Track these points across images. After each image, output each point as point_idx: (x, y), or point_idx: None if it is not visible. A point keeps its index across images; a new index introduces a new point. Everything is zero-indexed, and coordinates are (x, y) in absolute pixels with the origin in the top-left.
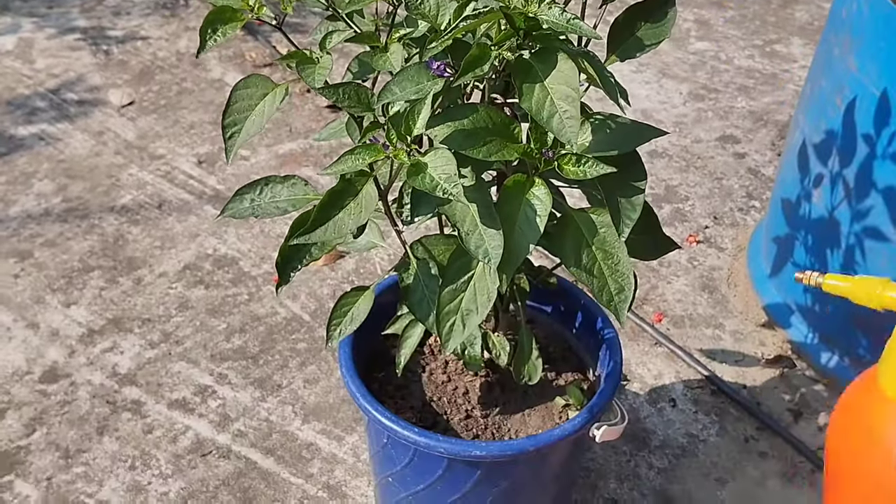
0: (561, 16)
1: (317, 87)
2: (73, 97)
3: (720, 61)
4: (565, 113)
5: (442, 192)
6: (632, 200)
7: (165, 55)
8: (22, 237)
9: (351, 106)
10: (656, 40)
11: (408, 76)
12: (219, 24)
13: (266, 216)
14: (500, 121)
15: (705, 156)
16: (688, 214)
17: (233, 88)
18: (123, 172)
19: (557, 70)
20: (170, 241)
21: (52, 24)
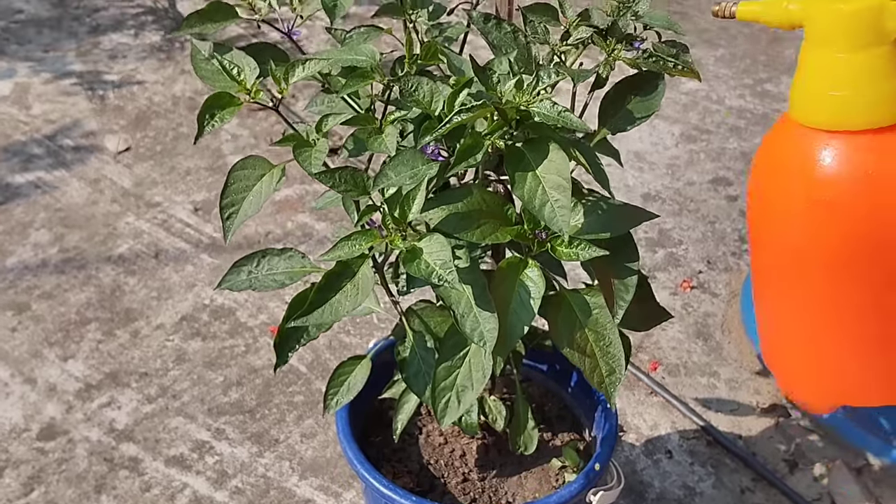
0: (552, 108)
1: (313, 172)
2: (70, 143)
3: (711, 101)
4: (557, 202)
5: (437, 278)
6: (625, 282)
7: (161, 100)
8: (19, 289)
9: (347, 190)
10: (647, 113)
11: (403, 160)
12: (216, 110)
13: (263, 289)
14: (493, 202)
15: (698, 199)
16: (681, 259)
17: (231, 169)
18: (120, 221)
19: (549, 160)
20: (166, 292)
21: (48, 69)
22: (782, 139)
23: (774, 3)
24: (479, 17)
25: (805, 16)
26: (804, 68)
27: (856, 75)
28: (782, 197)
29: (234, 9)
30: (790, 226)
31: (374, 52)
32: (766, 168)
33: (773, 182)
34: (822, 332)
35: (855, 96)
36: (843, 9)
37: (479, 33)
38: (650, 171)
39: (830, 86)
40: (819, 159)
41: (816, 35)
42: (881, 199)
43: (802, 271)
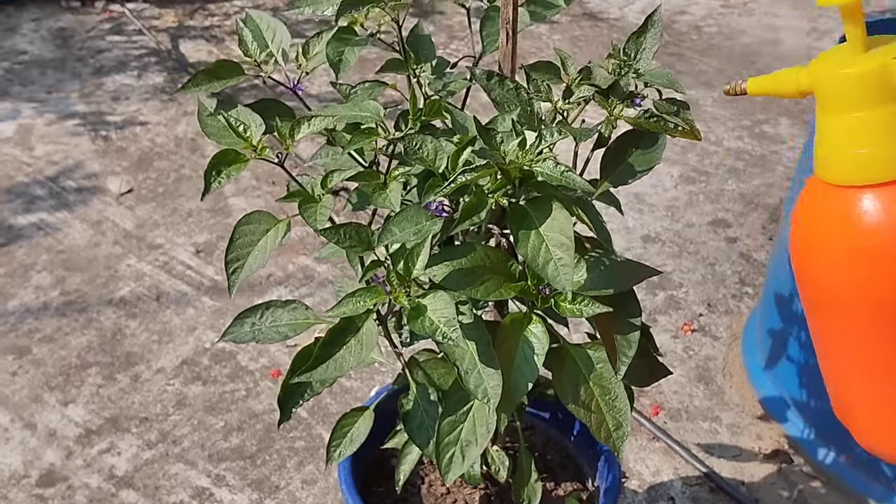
0: (555, 169)
1: (318, 228)
2: (72, 185)
3: (710, 143)
4: (560, 260)
5: (442, 336)
6: (628, 337)
7: (164, 141)
8: (20, 332)
9: (352, 246)
10: (648, 166)
11: (407, 216)
12: (223, 166)
13: (267, 341)
14: (497, 258)
15: (697, 241)
16: (682, 302)
17: (236, 224)
18: (122, 263)
19: (552, 218)
20: (167, 336)
21: (52, 110)
22: (820, 202)
23: (783, 75)
24: (481, 74)
25: (814, 84)
26: (823, 132)
27: (874, 132)
28: (830, 256)
29: (240, 66)
30: (838, 282)
31: (378, 108)
32: (812, 232)
33: (823, 243)
34: (884, 381)
35: (878, 151)
36: (850, 73)
37: (483, 90)
38: (650, 213)
39: (852, 145)
40: (856, 215)
41: (829, 101)
42: None
43: (855, 322)
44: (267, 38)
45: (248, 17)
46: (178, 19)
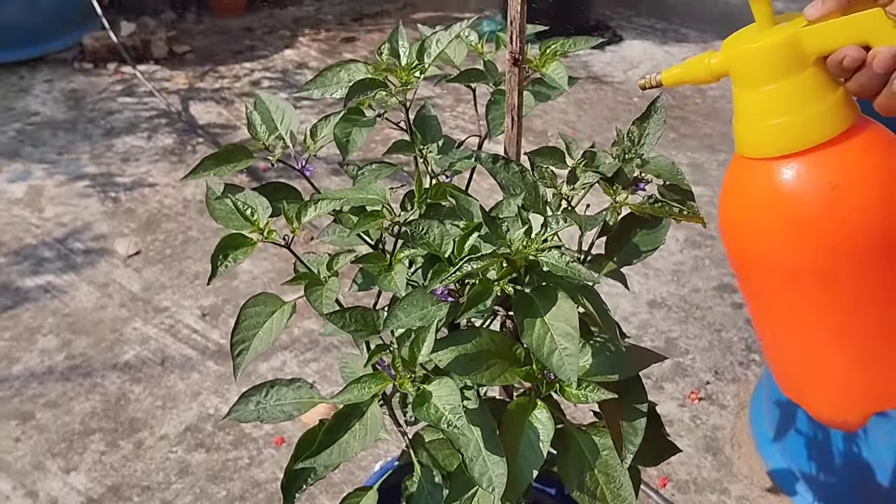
0: (560, 259)
1: (324, 312)
2: (80, 247)
3: (715, 206)
4: (565, 350)
5: (447, 423)
6: (634, 424)
7: (172, 202)
8: (24, 397)
9: (357, 330)
10: (652, 247)
11: (412, 301)
12: (230, 250)
13: (271, 421)
14: (501, 342)
15: (704, 306)
16: (689, 369)
17: (242, 306)
18: (127, 326)
19: (557, 307)
20: (171, 401)
21: (63, 171)
22: (740, 176)
23: (695, 61)
24: (487, 157)
25: (727, 64)
26: (739, 108)
27: (786, 103)
28: (758, 228)
29: (248, 150)
30: (767, 251)
31: (385, 191)
32: (734, 207)
33: (744, 217)
34: (828, 345)
35: (790, 121)
36: (758, 47)
37: (488, 172)
38: (655, 278)
39: (766, 118)
40: (776, 186)
41: (742, 78)
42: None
43: (793, 290)
44: (276, 121)
45: (257, 100)
46: (189, 81)
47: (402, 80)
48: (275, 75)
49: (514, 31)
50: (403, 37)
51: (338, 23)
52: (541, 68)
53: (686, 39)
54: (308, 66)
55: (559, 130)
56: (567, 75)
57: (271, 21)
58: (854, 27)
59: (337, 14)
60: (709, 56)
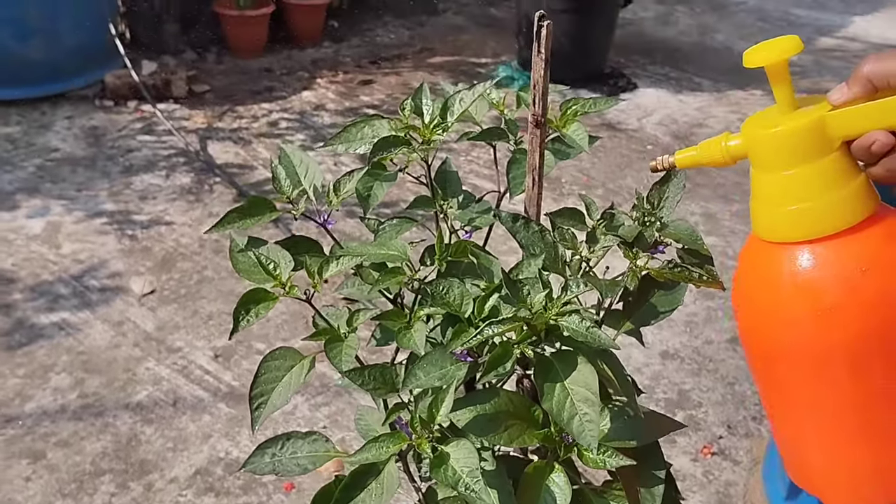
0: (580, 324)
1: (343, 370)
2: (96, 284)
3: (728, 257)
4: (585, 416)
5: (464, 486)
6: (652, 491)
7: (188, 241)
8: (36, 436)
9: (376, 388)
10: (670, 307)
11: (432, 360)
12: (252, 305)
13: (286, 474)
14: (520, 403)
15: (717, 358)
16: (701, 423)
17: (262, 360)
18: (140, 366)
19: (578, 371)
20: (182, 443)
21: (81, 208)
22: (759, 259)
23: (711, 144)
24: (507, 217)
25: (746, 147)
26: (757, 190)
27: (806, 188)
28: (781, 314)
29: (272, 203)
30: (782, 336)
31: (405, 248)
32: (753, 291)
33: (765, 302)
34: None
35: (810, 207)
36: (782, 131)
37: (508, 232)
38: (668, 329)
39: (785, 202)
40: (793, 271)
41: (763, 161)
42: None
43: (817, 377)
44: (300, 174)
45: (282, 153)
46: (208, 121)
47: (425, 137)
48: (292, 116)
49: (536, 94)
50: (427, 94)
51: (355, 65)
52: (561, 128)
53: (700, 88)
54: (325, 107)
55: (574, 178)
56: (587, 136)
57: (290, 62)
58: (882, 112)
59: (355, 56)
60: (725, 138)
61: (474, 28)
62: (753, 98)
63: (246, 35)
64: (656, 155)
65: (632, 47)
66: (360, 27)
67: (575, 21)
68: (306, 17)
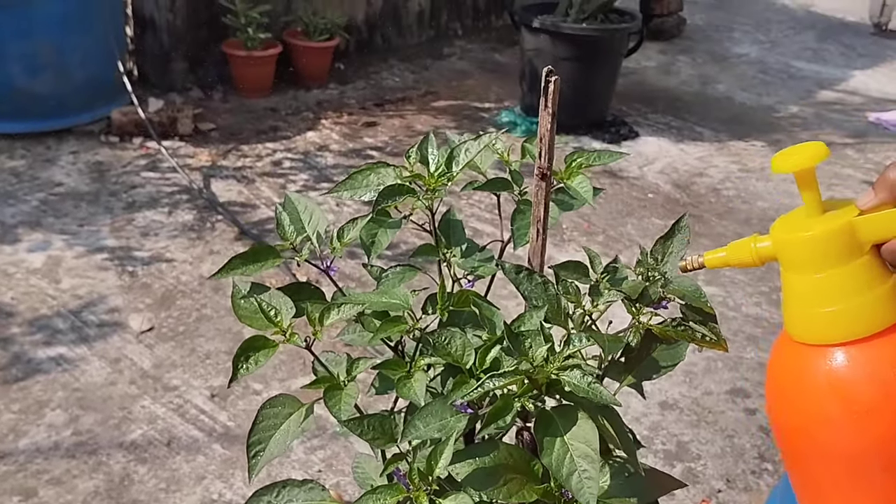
0: (581, 379)
1: (342, 419)
2: (94, 320)
3: (728, 308)
4: (584, 472)
5: None
6: None
7: (188, 279)
8: (28, 472)
9: (375, 438)
10: (672, 362)
11: (432, 411)
12: (252, 352)
13: None
14: (519, 457)
15: (716, 410)
16: (700, 475)
17: (260, 407)
18: (136, 404)
19: (578, 427)
20: (175, 484)
21: (82, 243)
22: (793, 359)
23: (740, 245)
24: (510, 268)
25: (776, 249)
26: (790, 292)
27: (839, 291)
28: (815, 415)
29: (275, 250)
30: (816, 437)
31: (408, 296)
32: (786, 390)
33: (799, 402)
34: None
35: (844, 309)
36: (811, 236)
37: (511, 283)
38: (667, 379)
39: (818, 304)
40: (827, 372)
41: (793, 263)
42: None
43: (853, 478)
44: (304, 220)
45: (286, 200)
46: (212, 159)
47: (430, 186)
48: (296, 156)
49: (543, 147)
50: (433, 144)
51: (360, 107)
52: (566, 180)
53: (701, 138)
54: (329, 148)
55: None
56: (592, 189)
57: (295, 103)
58: None
59: (359, 98)
60: (754, 240)
61: (478, 73)
62: (754, 149)
63: (253, 75)
64: (658, 203)
65: (634, 96)
66: (366, 70)
67: (578, 69)
68: (313, 59)
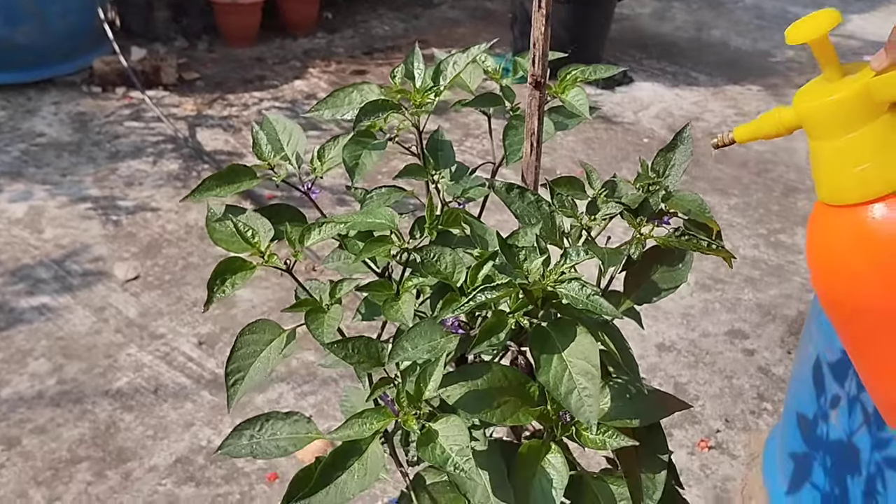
0: (580, 291)
1: (325, 342)
2: (78, 269)
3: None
4: (584, 391)
5: (453, 466)
6: (654, 478)
7: (174, 228)
8: (11, 422)
9: (360, 362)
10: (673, 285)
11: (420, 332)
12: (228, 275)
13: (265, 457)
14: (514, 378)
15: (714, 351)
16: (698, 416)
17: (239, 333)
18: (122, 352)
19: (576, 343)
20: (163, 431)
21: (65, 193)
22: (826, 226)
23: (767, 117)
24: (501, 186)
25: (799, 117)
26: (820, 159)
27: (871, 148)
28: (850, 274)
29: (252, 170)
30: (865, 296)
31: (393, 216)
32: (823, 254)
33: (837, 265)
34: None
35: (878, 163)
36: (833, 101)
37: (503, 202)
38: (664, 320)
39: (851, 164)
40: (869, 230)
41: (818, 129)
42: None
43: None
44: (282, 141)
45: (265, 120)
46: (197, 108)
47: (417, 102)
48: (283, 105)
49: (536, 53)
50: (419, 58)
51: (349, 56)
52: (560, 94)
53: (696, 83)
54: (317, 96)
55: (569, 170)
56: (588, 102)
57: (282, 52)
58: None
59: (348, 47)
60: (778, 111)
61: (469, 21)
62: (749, 93)
63: (238, 24)
64: (653, 148)
65: (628, 42)
66: (355, 18)
67: (572, 12)
68: (300, 7)
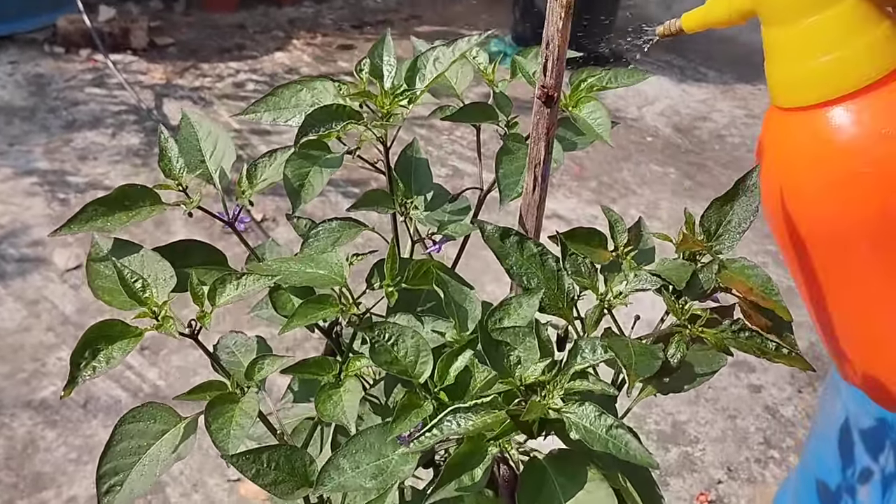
0: (597, 420)
1: (230, 452)
2: (14, 254)
3: None
4: None
5: None
6: None
7: None
8: None
9: (278, 482)
10: (710, 369)
11: (365, 444)
12: (102, 344)
13: None
14: None
15: (717, 386)
16: (698, 462)
17: (118, 421)
18: (52, 356)
19: (586, 493)
20: (88, 453)
21: (10, 164)
22: (779, 133)
23: (717, 1)
24: (493, 231)
25: (754, 1)
26: (772, 51)
27: (828, 36)
28: (801, 189)
29: (155, 193)
30: (820, 214)
31: (342, 266)
32: (774, 168)
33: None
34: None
35: (844, 55)
36: None
37: (494, 254)
38: None
39: (812, 56)
40: (829, 135)
41: (774, 13)
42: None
43: (845, 251)
44: (204, 151)
45: (183, 120)
46: (167, 77)
47: (384, 109)
48: (261, 78)
49: (550, 58)
50: (390, 50)
51: (336, 28)
52: (572, 108)
53: (705, 79)
54: (299, 71)
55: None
56: (609, 121)
57: (265, 20)
58: None
59: (336, 19)
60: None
61: None
62: (760, 93)
63: None
64: (657, 147)
65: None
66: None
67: None
68: None
